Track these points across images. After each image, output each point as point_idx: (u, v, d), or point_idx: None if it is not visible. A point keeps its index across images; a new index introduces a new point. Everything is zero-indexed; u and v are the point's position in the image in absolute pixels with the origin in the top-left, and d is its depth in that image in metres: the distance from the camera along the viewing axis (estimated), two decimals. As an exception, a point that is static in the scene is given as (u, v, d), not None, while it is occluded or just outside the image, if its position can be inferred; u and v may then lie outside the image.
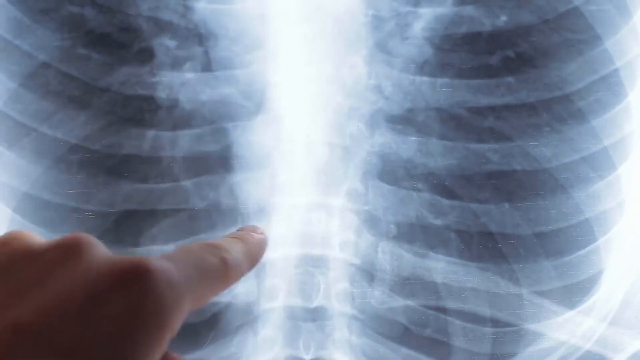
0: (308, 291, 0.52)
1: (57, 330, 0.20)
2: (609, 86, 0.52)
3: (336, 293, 0.52)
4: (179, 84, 0.51)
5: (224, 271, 0.26)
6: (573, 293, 0.53)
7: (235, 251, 0.27)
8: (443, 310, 0.52)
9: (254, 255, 0.29)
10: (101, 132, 0.51)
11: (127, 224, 0.51)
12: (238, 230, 0.30)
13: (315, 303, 0.52)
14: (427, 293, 0.52)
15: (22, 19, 0.50)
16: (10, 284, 0.21)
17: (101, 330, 0.20)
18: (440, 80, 0.52)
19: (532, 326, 0.53)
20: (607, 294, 0.53)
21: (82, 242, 0.23)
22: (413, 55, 0.51)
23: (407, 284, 0.52)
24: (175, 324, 0.23)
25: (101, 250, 0.23)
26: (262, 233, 0.30)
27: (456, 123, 0.52)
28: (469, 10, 0.51)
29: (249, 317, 0.52)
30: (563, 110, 0.52)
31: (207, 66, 0.51)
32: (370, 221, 0.52)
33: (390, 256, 0.52)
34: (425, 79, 0.52)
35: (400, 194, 0.52)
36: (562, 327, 0.53)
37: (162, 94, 0.51)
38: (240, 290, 0.52)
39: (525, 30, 0.52)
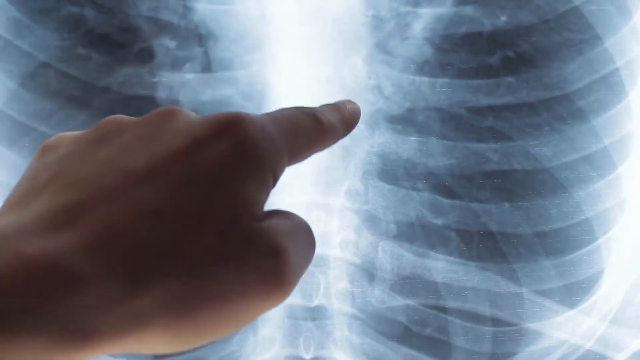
0: (308, 290, 0.52)
1: (167, 171, 0.21)
2: (610, 86, 0.52)
3: (336, 292, 0.52)
4: (179, 84, 0.51)
5: (320, 129, 0.26)
6: (573, 292, 0.53)
7: (330, 114, 0.27)
8: (443, 309, 0.53)
9: (348, 122, 0.29)
10: (101, 132, 0.51)
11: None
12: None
13: (315, 302, 0.52)
14: (427, 292, 0.52)
15: (21, 19, 0.50)
16: (116, 144, 0.23)
17: (208, 169, 0.21)
18: (440, 80, 0.52)
19: (532, 325, 0.53)
20: (607, 293, 0.53)
21: (173, 107, 0.24)
22: (413, 55, 0.51)
23: (407, 283, 0.52)
24: (277, 169, 0.23)
25: (192, 113, 0.24)
26: (355, 104, 0.30)
27: (456, 123, 0.52)
28: (468, 10, 0.51)
29: (249, 317, 0.52)
30: (563, 110, 0.52)
31: (207, 67, 0.51)
32: (370, 220, 0.52)
33: (391, 255, 0.52)
34: (425, 79, 0.52)
35: (400, 193, 0.52)
36: (562, 326, 0.53)
37: (162, 94, 0.51)
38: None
39: (525, 30, 0.52)
